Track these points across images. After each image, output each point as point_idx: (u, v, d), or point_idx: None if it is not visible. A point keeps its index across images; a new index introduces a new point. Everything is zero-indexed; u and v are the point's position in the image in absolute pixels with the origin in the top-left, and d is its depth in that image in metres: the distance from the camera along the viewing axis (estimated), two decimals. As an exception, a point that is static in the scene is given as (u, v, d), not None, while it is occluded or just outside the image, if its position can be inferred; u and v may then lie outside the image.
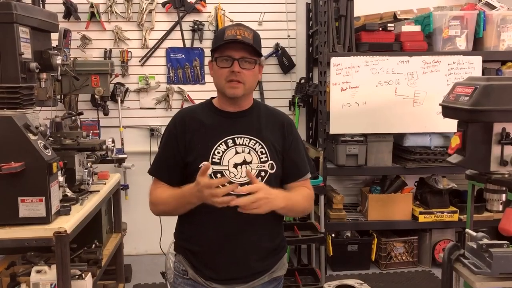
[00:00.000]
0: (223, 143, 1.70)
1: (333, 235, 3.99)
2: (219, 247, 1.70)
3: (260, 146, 1.72)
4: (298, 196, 1.76)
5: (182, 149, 1.72)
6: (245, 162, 1.69)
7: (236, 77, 1.66)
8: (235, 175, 1.68)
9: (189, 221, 1.74)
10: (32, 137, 2.04)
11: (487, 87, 1.74)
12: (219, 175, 1.67)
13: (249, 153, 1.70)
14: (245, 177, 1.67)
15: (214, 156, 1.68)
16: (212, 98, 1.84)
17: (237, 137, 1.71)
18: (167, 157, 1.76)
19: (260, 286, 1.76)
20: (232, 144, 1.70)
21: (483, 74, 3.85)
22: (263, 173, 1.70)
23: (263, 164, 1.71)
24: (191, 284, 1.76)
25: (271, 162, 1.72)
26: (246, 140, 1.72)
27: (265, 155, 1.71)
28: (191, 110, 1.83)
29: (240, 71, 1.65)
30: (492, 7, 3.89)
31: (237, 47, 1.64)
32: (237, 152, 1.70)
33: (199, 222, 1.71)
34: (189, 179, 1.70)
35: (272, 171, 1.71)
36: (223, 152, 1.69)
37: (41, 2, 3.34)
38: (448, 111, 1.91)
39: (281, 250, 1.84)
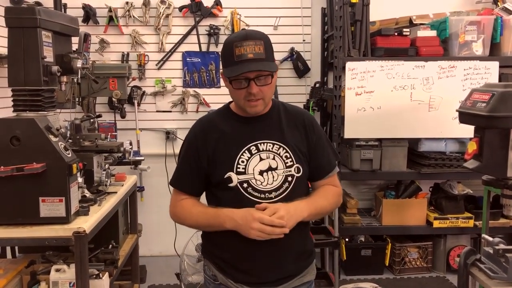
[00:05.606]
0: (246, 151, 1.66)
1: (346, 239, 3.99)
2: (250, 253, 1.65)
3: (285, 150, 1.67)
4: (321, 199, 1.73)
5: (204, 161, 1.68)
6: (270, 169, 1.65)
7: (255, 97, 1.60)
8: (261, 183, 1.64)
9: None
10: (53, 138, 2.08)
11: (504, 93, 1.75)
12: (245, 184, 1.64)
13: (273, 158, 1.66)
14: (272, 183, 1.64)
15: (238, 166, 1.64)
16: (230, 102, 1.79)
17: (260, 143, 1.67)
18: (188, 168, 1.72)
19: None
20: (256, 151, 1.66)
21: (500, 79, 3.82)
22: (289, 178, 1.66)
23: (289, 169, 1.66)
24: None
25: (297, 165, 1.67)
26: (270, 146, 1.67)
27: (290, 159, 1.67)
28: (210, 119, 1.78)
29: (258, 90, 1.59)
30: (510, 12, 3.86)
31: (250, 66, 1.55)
32: (261, 159, 1.65)
33: (227, 230, 1.63)
34: (212, 191, 1.69)
35: (299, 175, 1.67)
36: (247, 160, 1.65)
37: (62, 7, 3.41)
38: (465, 117, 1.92)
39: (311, 254, 1.81)
